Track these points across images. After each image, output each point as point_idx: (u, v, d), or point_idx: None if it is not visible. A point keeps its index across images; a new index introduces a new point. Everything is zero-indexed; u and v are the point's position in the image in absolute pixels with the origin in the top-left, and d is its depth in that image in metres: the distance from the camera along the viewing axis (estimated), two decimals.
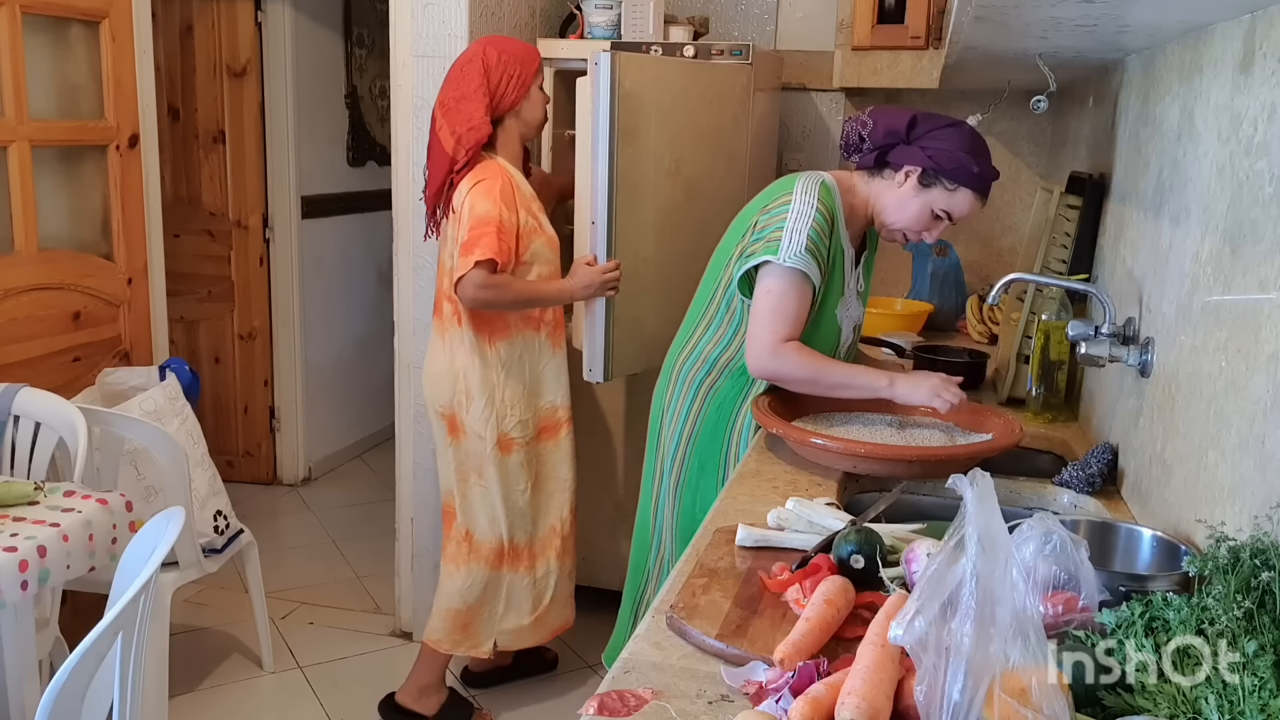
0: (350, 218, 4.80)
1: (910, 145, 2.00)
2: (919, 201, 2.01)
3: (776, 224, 2.00)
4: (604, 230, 2.58)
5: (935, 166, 1.98)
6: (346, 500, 4.42)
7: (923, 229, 2.05)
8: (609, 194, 2.54)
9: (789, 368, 1.99)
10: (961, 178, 1.98)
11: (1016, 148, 3.37)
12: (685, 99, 2.77)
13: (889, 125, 2.03)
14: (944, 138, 1.98)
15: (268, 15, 4.23)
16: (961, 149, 1.97)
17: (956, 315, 3.23)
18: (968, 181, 1.98)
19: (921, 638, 0.91)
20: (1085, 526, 1.45)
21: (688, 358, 2.17)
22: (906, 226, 2.05)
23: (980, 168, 1.98)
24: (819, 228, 1.99)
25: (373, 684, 2.99)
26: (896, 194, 2.03)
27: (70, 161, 3.04)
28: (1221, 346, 1.29)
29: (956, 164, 1.96)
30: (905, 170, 2.01)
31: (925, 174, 1.99)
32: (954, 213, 2.02)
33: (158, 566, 1.62)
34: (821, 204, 2.00)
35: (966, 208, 2.01)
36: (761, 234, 2.01)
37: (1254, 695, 0.88)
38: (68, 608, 2.70)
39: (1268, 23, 1.21)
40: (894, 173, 2.03)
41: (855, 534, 1.37)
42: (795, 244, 1.96)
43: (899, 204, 2.03)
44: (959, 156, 1.96)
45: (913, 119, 2.01)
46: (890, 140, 2.02)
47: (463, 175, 2.50)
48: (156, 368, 2.97)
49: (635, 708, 1.06)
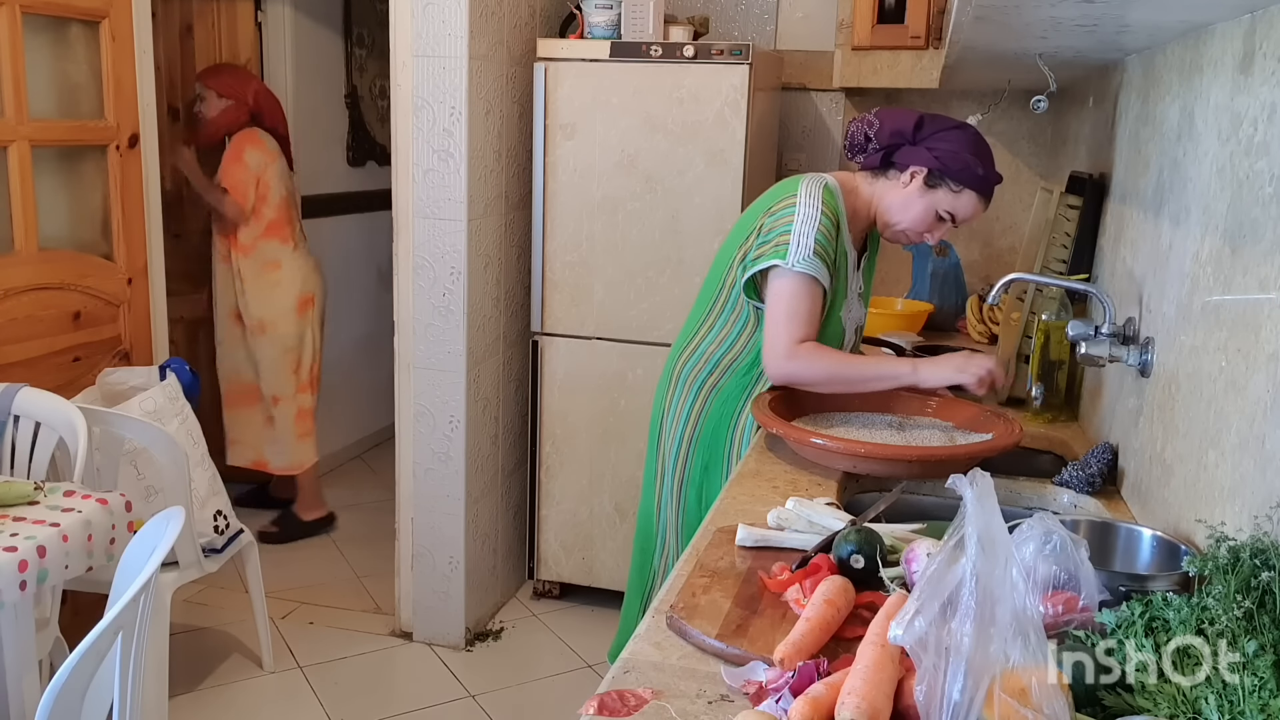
0: (350, 218, 4.80)
1: (916, 146, 2.01)
2: (924, 202, 2.02)
3: (782, 228, 2.00)
4: (539, 204, 3.13)
5: (941, 167, 1.98)
6: (346, 500, 4.41)
7: (926, 230, 2.05)
8: (543, 178, 3.17)
9: (808, 369, 2.00)
10: (967, 179, 1.98)
11: (1016, 148, 3.37)
12: (640, 99, 3.03)
13: (895, 125, 2.03)
14: (950, 139, 1.99)
15: (268, 15, 4.23)
16: (967, 151, 1.98)
17: (956, 315, 3.23)
18: (973, 183, 1.99)
19: (921, 638, 0.91)
20: (1085, 526, 1.45)
21: (689, 358, 2.17)
22: (910, 227, 2.05)
23: (985, 170, 1.99)
24: (825, 231, 1.99)
25: (373, 684, 2.99)
26: (901, 194, 2.04)
27: (70, 161, 3.03)
28: (1221, 346, 1.29)
29: (962, 165, 1.97)
30: (911, 171, 2.01)
31: (931, 175, 2.00)
32: (958, 214, 2.02)
33: (158, 566, 1.62)
34: (826, 207, 2.00)
35: (970, 210, 2.02)
36: (767, 237, 2.02)
37: (1254, 695, 0.88)
38: (68, 608, 2.70)
39: (1268, 23, 1.21)
40: (899, 173, 2.04)
41: (855, 534, 1.37)
42: (803, 248, 1.97)
43: (903, 204, 2.03)
44: (965, 158, 1.97)
45: (919, 120, 2.02)
46: (897, 141, 2.03)
47: None
48: (156, 368, 2.97)
49: (635, 708, 1.06)
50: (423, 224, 3.05)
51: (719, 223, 3.02)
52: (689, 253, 3.09)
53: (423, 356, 3.12)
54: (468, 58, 2.93)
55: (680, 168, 3.06)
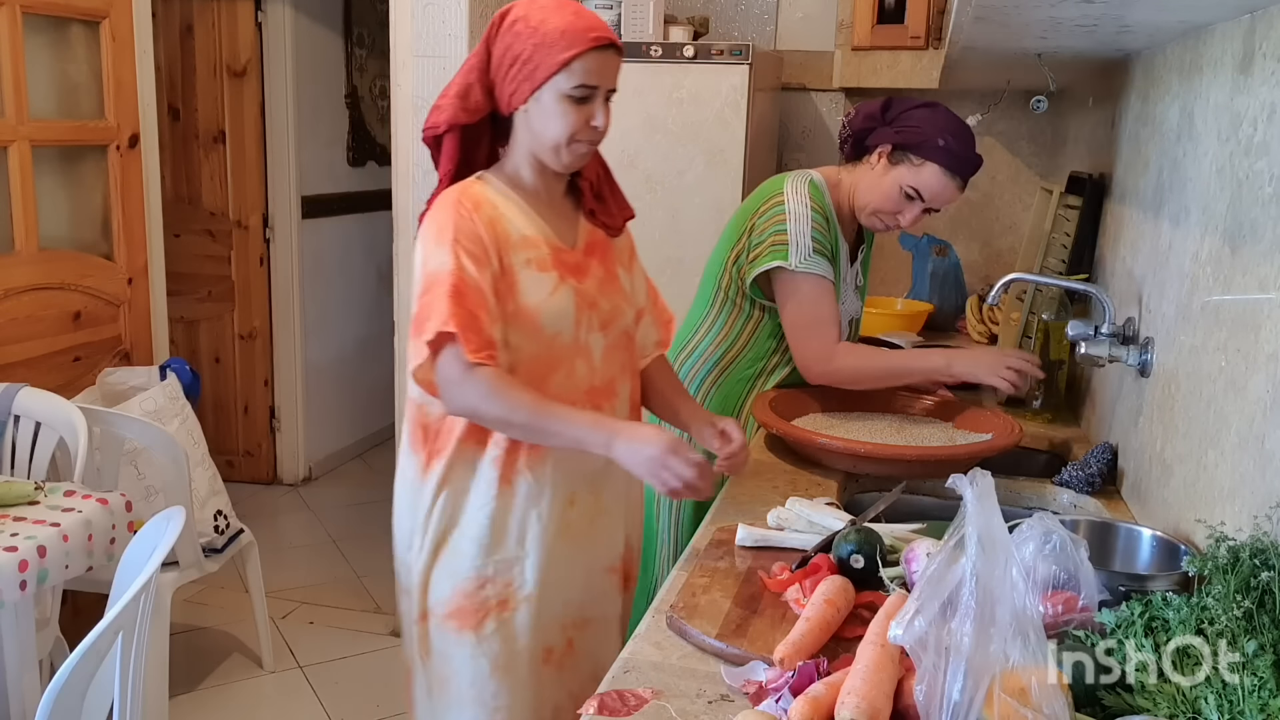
0: (350, 218, 4.80)
1: (886, 126, 2.02)
2: (888, 179, 2.01)
3: (774, 227, 2.00)
4: None
5: (902, 142, 1.98)
6: (346, 500, 4.42)
7: (895, 210, 2.02)
8: None
9: (850, 370, 2.03)
10: (927, 152, 1.96)
11: (1016, 148, 3.37)
12: (640, 99, 2.98)
13: (867, 110, 2.05)
14: (915, 116, 1.99)
15: (268, 15, 4.23)
16: (929, 124, 1.97)
17: (956, 315, 3.23)
18: (934, 156, 1.96)
19: (921, 637, 0.92)
20: (1085, 526, 1.45)
21: (688, 357, 2.17)
22: (880, 207, 2.03)
23: (947, 142, 1.95)
24: (818, 226, 2.01)
25: (373, 684, 3.00)
26: (870, 175, 2.04)
27: (70, 161, 3.04)
28: (1221, 346, 1.29)
29: (922, 138, 1.96)
30: (878, 150, 2.02)
31: (894, 151, 2.00)
32: (923, 190, 1.98)
33: (158, 566, 1.62)
34: (813, 201, 2.02)
35: (936, 184, 1.98)
36: (761, 238, 2.02)
37: (1254, 695, 0.88)
38: (68, 608, 2.70)
39: (1268, 23, 1.21)
40: (870, 156, 2.04)
41: (855, 534, 1.37)
42: (803, 247, 1.98)
43: (871, 184, 2.04)
44: (925, 131, 1.96)
45: (887, 102, 2.03)
46: (869, 125, 2.04)
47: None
48: (157, 367, 2.97)
49: (635, 707, 1.06)
50: None
51: (719, 223, 3.01)
52: (689, 253, 3.08)
53: None
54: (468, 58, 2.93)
55: (680, 168, 3.06)
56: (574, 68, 1.50)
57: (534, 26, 1.51)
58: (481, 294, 1.50)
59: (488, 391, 1.49)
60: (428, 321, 1.48)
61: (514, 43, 1.53)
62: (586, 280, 1.63)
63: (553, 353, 1.59)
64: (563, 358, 1.60)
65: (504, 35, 1.55)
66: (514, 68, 1.53)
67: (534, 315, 1.56)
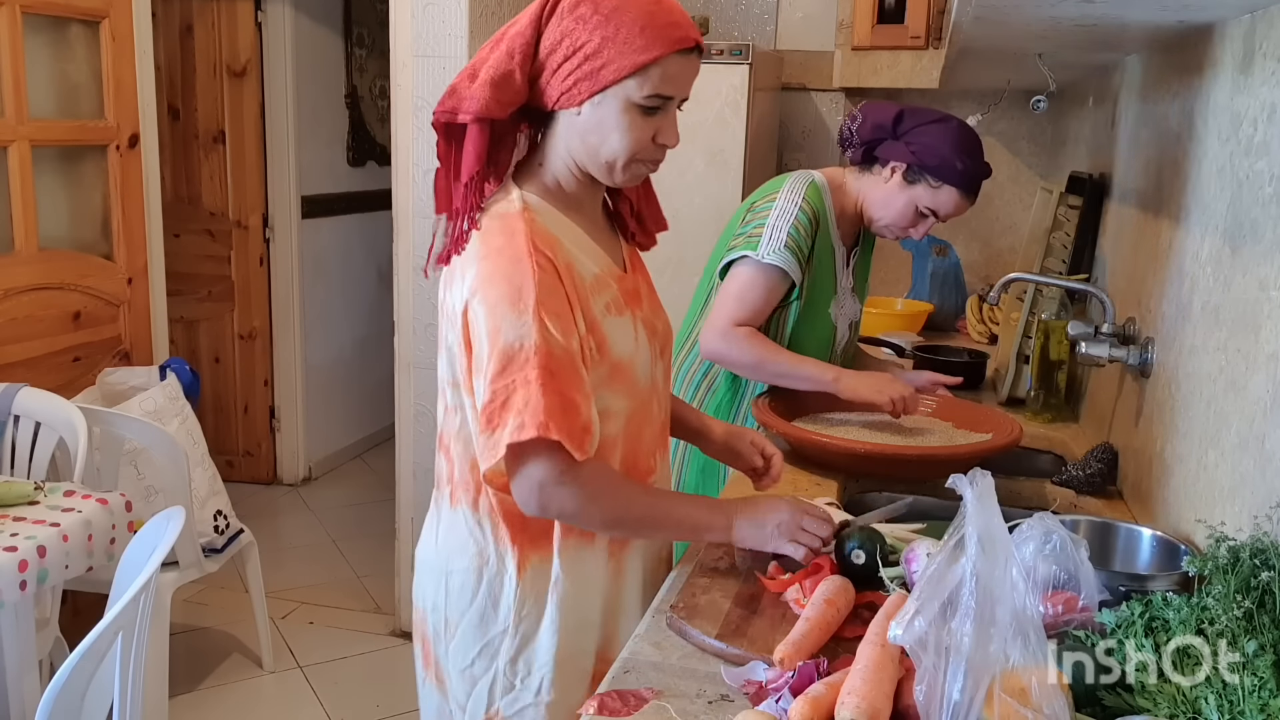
0: (350, 218, 4.80)
1: (897, 141, 2.00)
2: (904, 198, 2.00)
3: (759, 220, 2.00)
4: None
5: (919, 163, 1.97)
6: (346, 500, 4.42)
7: (909, 225, 2.03)
8: None
9: (736, 351, 1.99)
10: (946, 175, 1.96)
11: (1016, 148, 3.37)
12: None
13: (876, 120, 2.02)
14: (930, 134, 1.97)
15: (268, 15, 4.23)
16: (947, 145, 1.95)
17: (956, 315, 3.23)
18: (952, 179, 1.96)
19: (921, 637, 0.91)
20: (1085, 526, 1.45)
21: (686, 357, 2.17)
22: (892, 223, 2.04)
23: (965, 164, 1.95)
24: (800, 225, 1.98)
25: (373, 684, 2.99)
26: (883, 190, 2.02)
27: (70, 161, 3.04)
28: (1221, 346, 1.29)
29: (940, 160, 1.95)
30: (891, 166, 2.00)
31: (910, 170, 1.98)
32: (939, 210, 1.99)
33: (158, 566, 1.62)
34: (807, 202, 2.00)
35: (952, 205, 1.99)
36: (745, 229, 2.02)
37: (1254, 695, 0.88)
38: (68, 608, 2.70)
39: (1268, 23, 1.21)
40: (881, 168, 2.03)
41: (856, 530, 1.37)
42: (775, 240, 1.96)
43: (884, 200, 2.02)
44: (943, 153, 1.95)
45: (899, 114, 2.00)
46: (878, 135, 2.02)
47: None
48: (156, 367, 2.97)
49: (635, 707, 1.06)
50: (423, 224, 3.05)
51: (719, 223, 3.01)
52: (689, 253, 3.08)
53: (423, 356, 3.12)
54: (468, 58, 2.93)
55: (680, 168, 3.05)
56: (650, 73, 1.25)
57: (606, 15, 1.23)
58: (575, 370, 1.22)
59: (594, 492, 1.26)
60: (509, 414, 1.19)
61: (577, 29, 1.23)
62: (643, 306, 1.39)
63: (640, 403, 1.36)
64: (646, 405, 1.37)
65: (563, 18, 1.24)
66: (571, 60, 1.24)
67: (628, 369, 1.32)
